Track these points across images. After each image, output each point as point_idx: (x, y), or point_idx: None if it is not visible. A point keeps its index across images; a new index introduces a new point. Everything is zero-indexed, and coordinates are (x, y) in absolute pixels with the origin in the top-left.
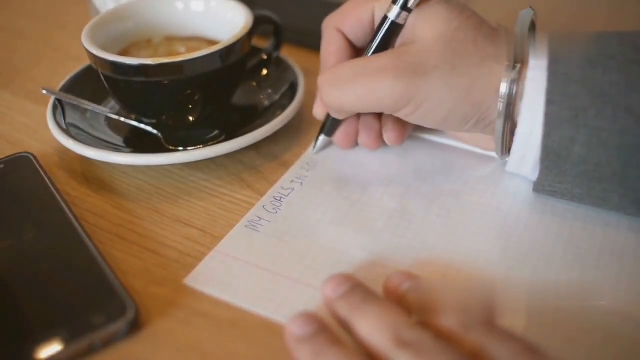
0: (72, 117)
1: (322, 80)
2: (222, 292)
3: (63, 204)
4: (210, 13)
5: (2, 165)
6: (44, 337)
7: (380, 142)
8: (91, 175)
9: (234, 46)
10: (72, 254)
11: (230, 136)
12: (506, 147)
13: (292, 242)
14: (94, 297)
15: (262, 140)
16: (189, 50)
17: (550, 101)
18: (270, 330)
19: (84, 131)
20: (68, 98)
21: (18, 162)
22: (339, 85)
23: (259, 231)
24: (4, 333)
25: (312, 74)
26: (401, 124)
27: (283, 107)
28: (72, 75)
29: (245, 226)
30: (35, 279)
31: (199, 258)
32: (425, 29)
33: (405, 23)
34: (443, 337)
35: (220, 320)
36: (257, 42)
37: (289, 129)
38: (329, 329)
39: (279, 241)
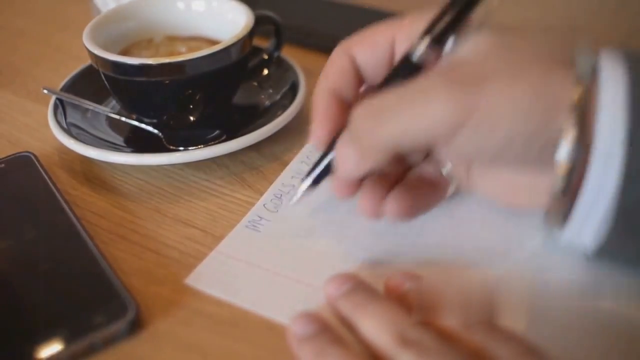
0: (73, 117)
1: (359, 113)
2: (223, 292)
3: (64, 204)
4: (211, 13)
5: (2, 165)
6: (45, 337)
7: (381, 213)
8: (92, 174)
9: (235, 46)
10: (72, 253)
11: (231, 136)
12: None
13: (292, 242)
14: (95, 297)
15: (263, 140)
16: (190, 50)
17: (629, 152)
18: (271, 330)
19: (84, 131)
20: (69, 97)
21: (19, 161)
22: (382, 115)
23: (259, 231)
24: (5, 333)
25: (313, 74)
26: (413, 195)
27: (284, 107)
28: (73, 75)
29: (246, 226)
30: (35, 279)
31: (199, 258)
32: (471, 46)
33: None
34: (444, 337)
35: (221, 320)
36: (258, 42)
37: (290, 128)
38: (330, 328)
39: (279, 241)
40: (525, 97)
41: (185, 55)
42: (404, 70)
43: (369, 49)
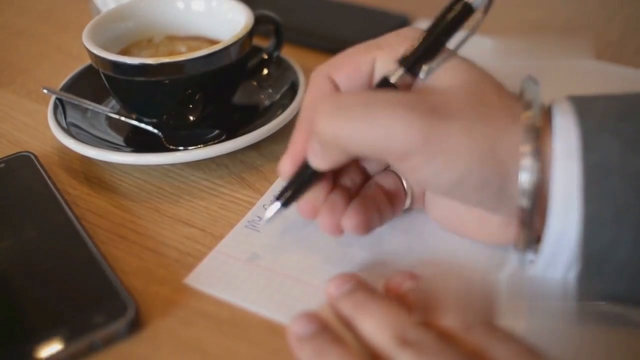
0: (73, 117)
1: (323, 105)
2: (223, 292)
3: (63, 204)
4: (211, 12)
5: (2, 165)
6: (45, 336)
7: (342, 230)
8: (92, 174)
9: (234, 46)
10: (72, 253)
11: (230, 136)
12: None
13: (292, 242)
14: (94, 297)
15: (263, 140)
16: (189, 50)
17: (588, 201)
18: (271, 330)
19: (84, 130)
20: (69, 97)
21: (19, 161)
22: (344, 112)
23: (259, 231)
24: (5, 332)
25: None
26: (366, 212)
27: (283, 107)
28: (72, 75)
29: (245, 226)
30: (35, 278)
31: (199, 257)
32: (443, 78)
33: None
34: (444, 337)
35: (221, 319)
36: (257, 41)
37: (290, 128)
38: (330, 328)
39: (279, 241)
40: (487, 139)
41: (184, 55)
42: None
43: (352, 71)
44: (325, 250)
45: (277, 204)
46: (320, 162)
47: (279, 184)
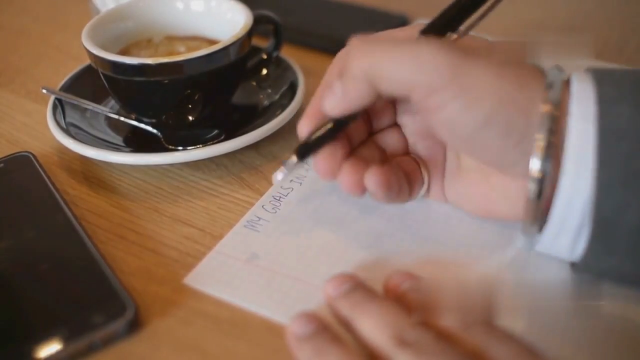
0: (72, 117)
1: (357, 42)
2: (222, 292)
3: (62, 204)
4: (210, 12)
5: (1, 165)
6: (44, 336)
7: (364, 188)
8: (91, 174)
9: (233, 46)
10: (71, 253)
11: (230, 136)
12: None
13: (291, 242)
14: (94, 297)
15: (262, 140)
16: (189, 50)
17: (602, 163)
18: (270, 330)
19: (83, 130)
20: (68, 97)
21: (18, 161)
22: (373, 47)
23: (258, 231)
24: (4, 332)
25: (312, 74)
26: (390, 171)
27: (283, 107)
28: (72, 75)
29: (245, 226)
30: (34, 278)
31: (198, 257)
32: (468, 42)
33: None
34: (443, 337)
35: (220, 319)
36: (257, 41)
37: (289, 128)
38: (329, 328)
39: (278, 241)
40: (512, 82)
41: (184, 55)
42: None
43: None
44: (325, 250)
45: (294, 158)
46: (340, 105)
47: (277, 185)
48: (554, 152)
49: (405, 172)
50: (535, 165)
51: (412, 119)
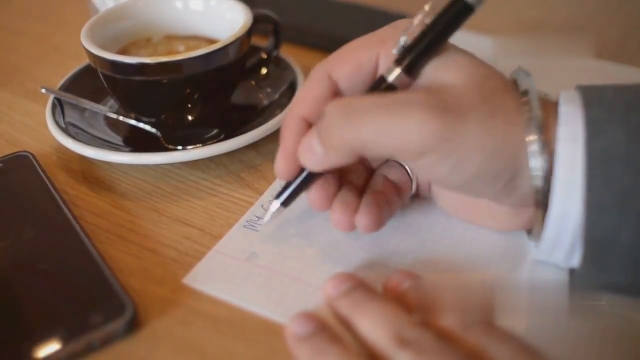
0: (71, 116)
1: (333, 109)
2: (221, 292)
3: (61, 203)
4: (209, 12)
5: (0, 165)
6: (42, 336)
7: (355, 227)
8: (90, 174)
9: (233, 45)
10: (70, 253)
11: (229, 135)
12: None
13: (290, 241)
14: (92, 296)
15: (262, 139)
16: (188, 49)
17: (590, 187)
18: (269, 329)
19: (82, 130)
20: (67, 97)
21: (17, 161)
22: (355, 116)
23: (257, 230)
24: (2, 332)
25: None
26: (379, 209)
27: (282, 106)
28: (71, 74)
29: (244, 225)
30: (33, 278)
31: (197, 257)
32: (449, 74)
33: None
34: (442, 337)
35: (219, 319)
36: (256, 40)
37: None
38: (328, 327)
39: (277, 240)
40: (500, 132)
41: (183, 55)
42: (379, 89)
43: (353, 70)
44: (324, 250)
45: (277, 203)
46: (321, 165)
47: (278, 184)
48: (550, 175)
49: (393, 183)
50: (537, 184)
51: None
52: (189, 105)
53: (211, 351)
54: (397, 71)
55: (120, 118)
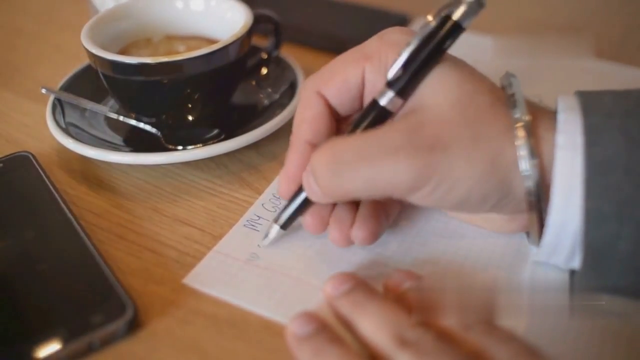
0: (72, 116)
1: (318, 161)
2: (221, 292)
3: (62, 203)
4: (210, 12)
5: (0, 165)
6: (43, 336)
7: (352, 241)
8: (90, 174)
9: (233, 45)
10: (70, 253)
11: (229, 135)
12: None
13: (291, 241)
14: (93, 297)
15: (262, 139)
16: (188, 49)
17: (590, 195)
18: (270, 330)
19: (83, 130)
20: (67, 97)
21: (17, 161)
22: (340, 169)
23: (258, 230)
24: (3, 332)
25: (312, 73)
26: (375, 221)
27: (283, 106)
28: (71, 74)
29: (244, 225)
30: (33, 278)
31: (198, 257)
32: (435, 94)
33: (397, 110)
34: (443, 337)
35: (219, 319)
36: (256, 41)
37: (289, 128)
38: (329, 327)
39: (278, 240)
40: (485, 159)
41: (183, 55)
42: (373, 113)
43: (340, 87)
44: (324, 250)
45: (276, 227)
46: (322, 201)
47: (278, 184)
48: (541, 189)
49: None
50: (531, 199)
51: None
52: (190, 105)
53: (211, 351)
54: (390, 94)
55: (121, 118)
